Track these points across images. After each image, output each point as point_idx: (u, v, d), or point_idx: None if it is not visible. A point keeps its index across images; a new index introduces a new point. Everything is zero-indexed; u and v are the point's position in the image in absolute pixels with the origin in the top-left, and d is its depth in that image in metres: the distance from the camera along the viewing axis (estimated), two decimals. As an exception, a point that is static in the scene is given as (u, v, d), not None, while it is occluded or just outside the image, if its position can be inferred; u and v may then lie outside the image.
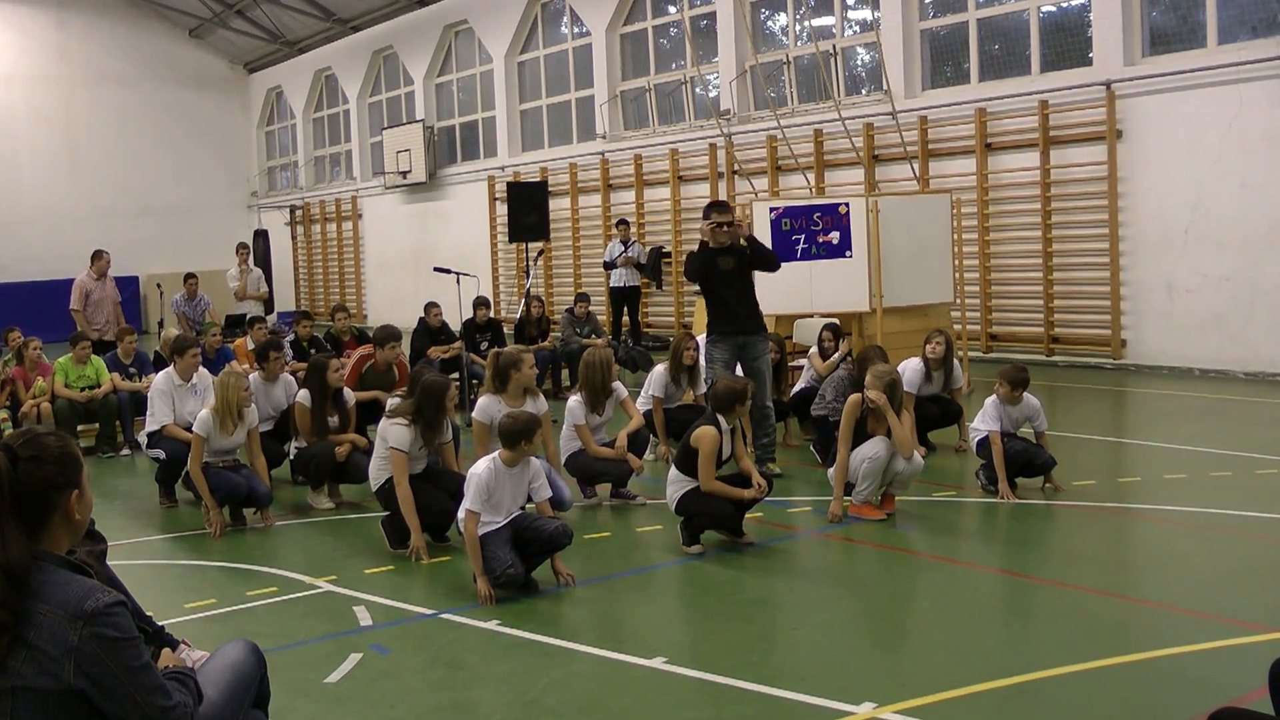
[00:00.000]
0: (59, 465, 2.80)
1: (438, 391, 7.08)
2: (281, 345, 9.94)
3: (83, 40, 30.12)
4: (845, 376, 8.82)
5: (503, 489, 6.15)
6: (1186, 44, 13.86)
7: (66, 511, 2.82)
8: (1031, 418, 8.01)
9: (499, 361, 8.01)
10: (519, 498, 6.26)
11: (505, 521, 6.12)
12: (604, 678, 4.96)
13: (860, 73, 18.13)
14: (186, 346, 9.05)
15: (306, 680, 4.96)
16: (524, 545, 6.11)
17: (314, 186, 31.51)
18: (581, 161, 21.99)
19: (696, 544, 6.82)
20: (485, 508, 6.07)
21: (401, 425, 6.99)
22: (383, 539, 7.17)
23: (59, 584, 2.71)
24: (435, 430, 7.11)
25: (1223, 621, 5.29)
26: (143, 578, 6.68)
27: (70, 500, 2.82)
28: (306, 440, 8.51)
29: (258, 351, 9.74)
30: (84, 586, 2.73)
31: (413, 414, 7.04)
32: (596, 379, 8.17)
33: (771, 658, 5.17)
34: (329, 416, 8.49)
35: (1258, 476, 8.20)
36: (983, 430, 7.86)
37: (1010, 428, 7.93)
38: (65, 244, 28.54)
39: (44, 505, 2.78)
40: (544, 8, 23.45)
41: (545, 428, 6.90)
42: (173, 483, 8.72)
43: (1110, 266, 14.23)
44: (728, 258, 8.59)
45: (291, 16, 28.42)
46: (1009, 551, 6.93)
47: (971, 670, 4.79)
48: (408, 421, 7.00)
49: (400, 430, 6.98)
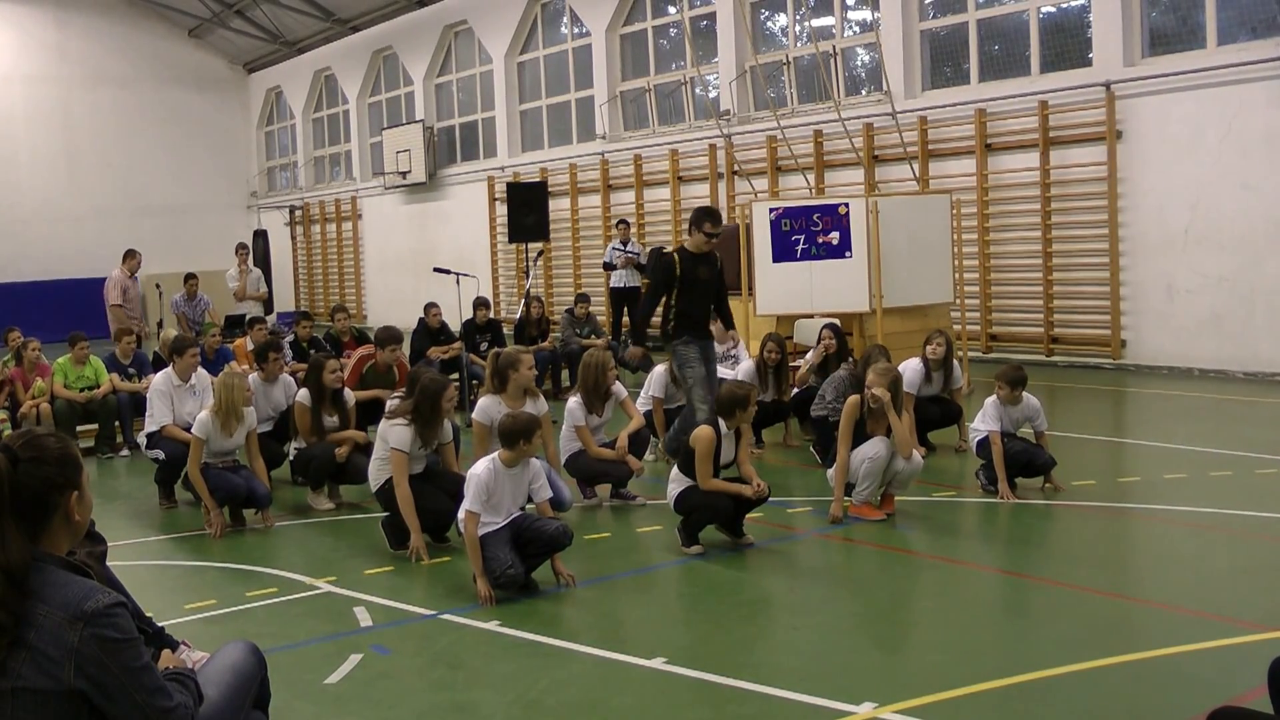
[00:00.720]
0: (59, 466, 2.80)
1: (435, 391, 7.09)
2: (281, 346, 9.94)
3: (82, 40, 30.09)
4: (845, 376, 8.82)
5: (502, 489, 6.15)
6: (1186, 45, 13.87)
7: (66, 513, 2.82)
8: (1031, 418, 8.01)
9: (498, 362, 8.01)
10: (519, 498, 6.26)
11: (505, 522, 6.12)
12: (604, 678, 4.96)
13: (859, 73, 18.13)
14: (185, 347, 9.05)
15: (306, 681, 4.96)
16: (524, 546, 6.11)
17: (313, 187, 31.50)
18: (581, 162, 21.99)
19: (696, 544, 6.82)
20: (485, 508, 6.07)
21: (401, 425, 6.99)
22: (383, 540, 7.17)
23: (59, 585, 2.71)
24: (433, 429, 7.11)
25: (1222, 621, 5.29)
26: (143, 579, 6.68)
27: (70, 501, 2.82)
28: (305, 440, 8.51)
29: (257, 352, 9.74)
30: (84, 587, 2.73)
31: (411, 413, 7.05)
32: (591, 381, 8.18)
33: (772, 658, 5.17)
34: (329, 416, 8.50)
35: (1258, 476, 8.21)
36: (982, 430, 7.86)
37: (1010, 428, 7.93)
38: (64, 244, 28.59)
39: (44, 506, 2.79)
40: (544, 8, 23.45)
41: (545, 428, 6.91)
42: (172, 483, 8.72)
43: (1110, 267, 14.23)
44: (705, 267, 8.72)
45: (291, 16, 28.41)
46: (1009, 551, 6.93)
47: (972, 670, 4.80)
48: (406, 421, 7.01)
49: (400, 430, 6.98)
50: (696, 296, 8.72)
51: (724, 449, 6.86)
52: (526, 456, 6.23)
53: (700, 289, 8.72)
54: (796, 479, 8.92)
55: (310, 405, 8.46)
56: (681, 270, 8.65)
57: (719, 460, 6.83)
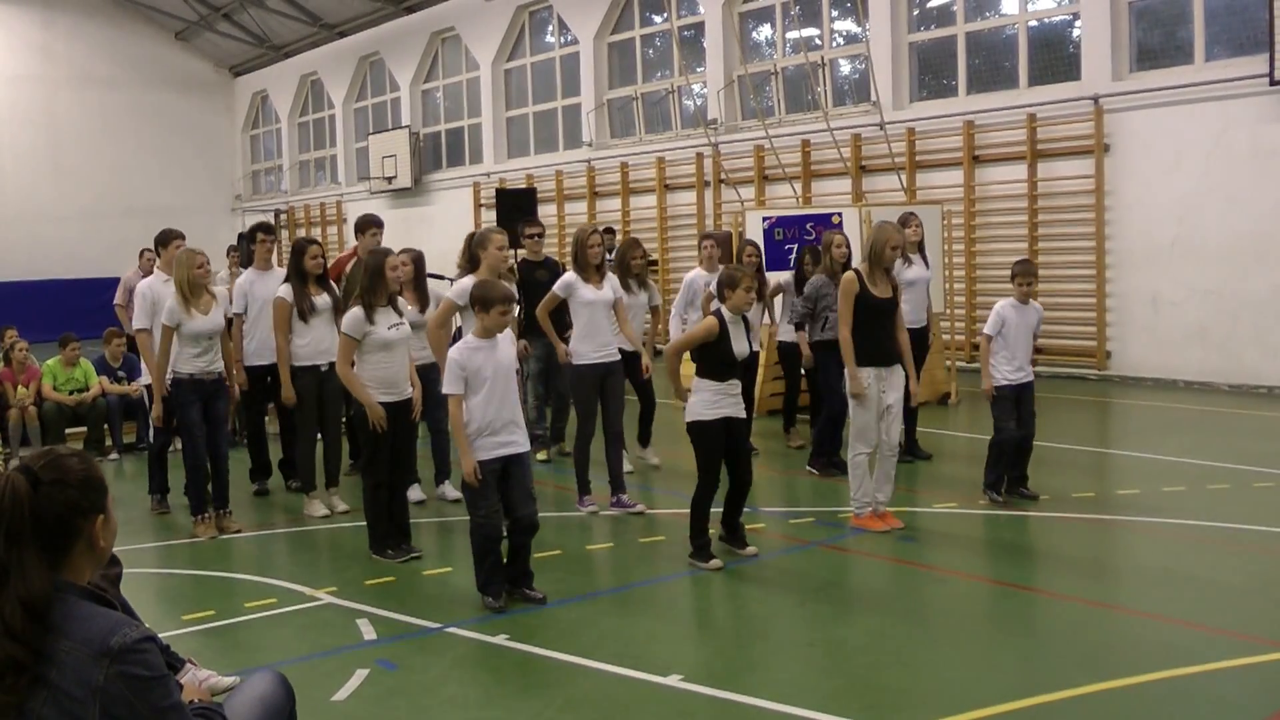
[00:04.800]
0: (83, 489, 2.59)
1: (375, 261, 7.11)
2: (271, 227, 9.45)
3: (68, 41, 29.92)
4: (821, 280, 9.05)
5: (479, 364, 5.99)
6: (1173, 60, 13.98)
7: (90, 539, 2.60)
8: (1037, 327, 8.06)
9: (470, 242, 8.22)
10: (500, 370, 6.05)
11: (494, 400, 5.99)
12: (620, 697, 4.87)
13: (845, 86, 18.18)
14: (170, 238, 8.71)
15: (314, 699, 4.82)
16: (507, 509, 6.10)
17: (298, 190, 31.34)
18: (568, 169, 21.96)
19: (713, 558, 6.71)
20: (467, 390, 5.99)
21: (356, 311, 7.02)
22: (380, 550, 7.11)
23: (82, 618, 2.50)
24: (378, 296, 7.05)
25: (1242, 639, 5.26)
26: (137, 587, 6.55)
27: (95, 526, 2.61)
28: (281, 332, 8.19)
29: (247, 235, 9.19)
30: (109, 620, 2.52)
31: (359, 295, 7.06)
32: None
33: (790, 675, 5.10)
34: (316, 295, 8.25)
35: (1256, 490, 8.24)
36: (990, 332, 7.87)
37: (1025, 338, 7.90)
38: (48, 244, 28.40)
39: (67, 532, 2.57)
40: (531, 15, 23.43)
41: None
42: (163, 471, 8.66)
43: (1096, 279, 14.32)
44: (544, 270, 9.48)
45: (278, 21, 28.27)
46: (1016, 565, 6.89)
47: (994, 689, 4.75)
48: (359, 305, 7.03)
49: (349, 315, 7.03)
50: (533, 300, 8.86)
51: (738, 339, 6.71)
52: (499, 328, 6.08)
53: (538, 290, 8.90)
54: (798, 488, 8.91)
55: (291, 300, 8.18)
56: (521, 277, 9.36)
57: (731, 355, 6.66)
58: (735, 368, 6.72)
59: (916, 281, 9.65)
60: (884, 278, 7.46)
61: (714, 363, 6.67)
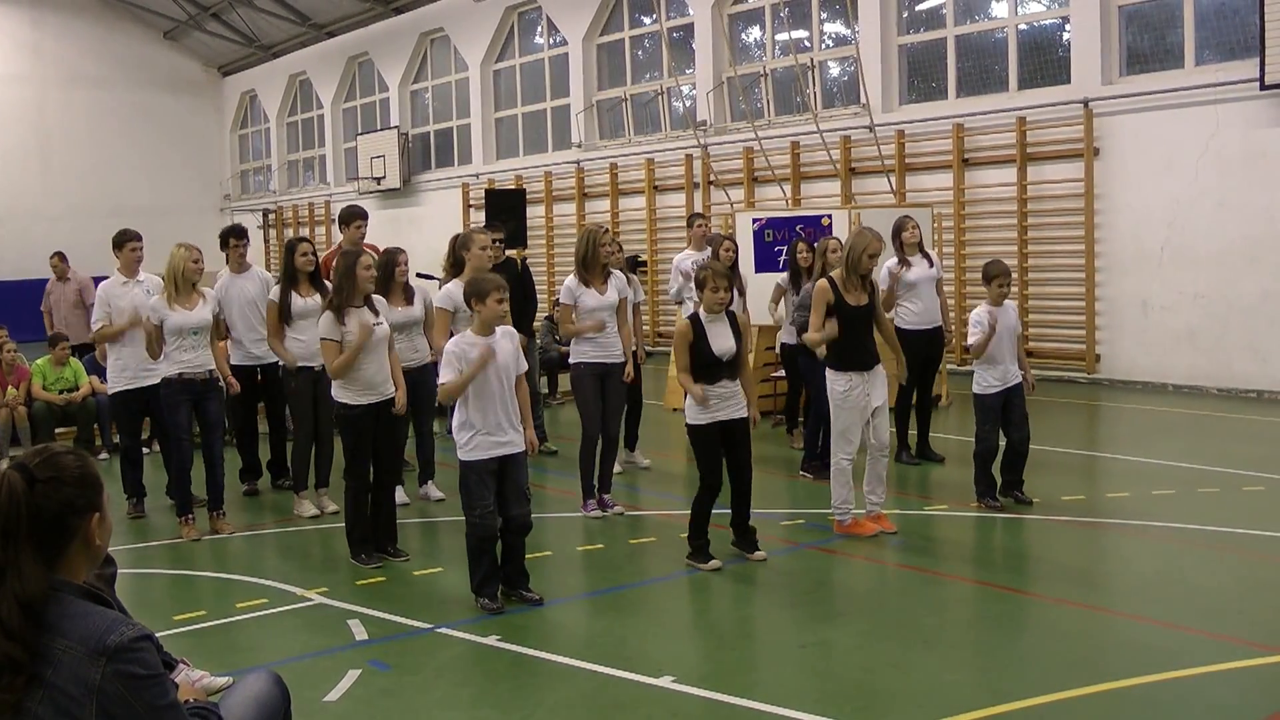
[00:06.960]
0: (79, 487, 2.58)
1: (345, 262, 7.08)
2: (243, 232, 9.28)
3: (57, 40, 29.83)
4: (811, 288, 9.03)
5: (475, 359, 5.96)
6: (1163, 64, 14.03)
7: (87, 537, 2.60)
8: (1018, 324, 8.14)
9: (454, 244, 8.12)
10: (499, 370, 5.99)
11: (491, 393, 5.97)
12: (612, 698, 4.87)
13: (834, 89, 18.20)
14: (125, 240, 8.64)
15: (306, 699, 4.83)
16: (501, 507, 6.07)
17: (287, 190, 31.26)
18: (557, 170, 21.95)
19: (712, 559, 6.70)
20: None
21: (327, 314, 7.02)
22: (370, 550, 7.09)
23: (78, 616, 2.50)
24: (353, 296, 7.01)
25: (1236, 643, 5.26)
26: (127, 588, 6.53)
27: (91, 525, 2.60)
28: (275, 336, 8.20)
29: (220, 239, 9.16)
30: (106, 619, 2.52)
31: (333, 295, 7.05)
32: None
33: (782, 677, 5.10)
34: (309, 296, 8.21)
35: (1246, 493, 8.27)
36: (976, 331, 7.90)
37: (1010, 339, 7.93)
38: (36, 244, 28.14)
39: (63, 531, 2.56)
40: (520, 16, 23.41)
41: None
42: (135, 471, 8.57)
43: (1086, 282, 14.36)
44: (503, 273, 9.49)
45: (267, 21, 28.20)
46: (1006, 567, 6.91)
47: (988, 692, 4.76)
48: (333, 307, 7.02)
49: (324, 318, 7.01)
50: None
51: (718, 337, 6.66)
52: (496, 318, 6.06)
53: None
54: (789, 491, 8.91)
55: (280, 300, 8.17)
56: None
57: (712, 351, 6.62)
58: (721, 367, 6.68)
59: (920, 281, 9.57)
60: (859, 285, 7.46)
61: (697, 364, 6.66)
